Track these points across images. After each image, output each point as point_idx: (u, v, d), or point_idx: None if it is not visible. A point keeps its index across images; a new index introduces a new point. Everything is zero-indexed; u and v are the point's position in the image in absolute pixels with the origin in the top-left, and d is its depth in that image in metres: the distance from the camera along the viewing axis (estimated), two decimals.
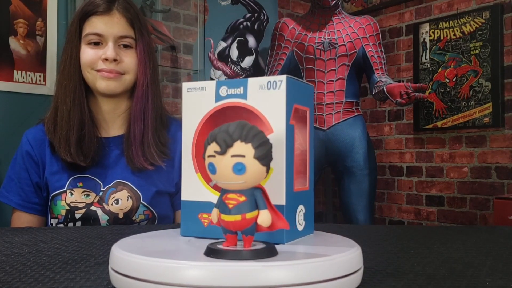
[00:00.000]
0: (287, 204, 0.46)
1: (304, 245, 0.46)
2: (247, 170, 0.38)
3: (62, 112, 1.02)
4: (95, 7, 1.02)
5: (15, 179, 1.06)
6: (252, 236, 0.41)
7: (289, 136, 0.47)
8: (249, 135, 0.38)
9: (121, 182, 1.04)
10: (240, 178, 0.39)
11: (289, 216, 0.47)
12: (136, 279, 0.39)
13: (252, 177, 0.39)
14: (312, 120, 0.53)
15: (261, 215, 0.40)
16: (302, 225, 0.50)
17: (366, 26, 2.40)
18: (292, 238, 0.48)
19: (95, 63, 1.02)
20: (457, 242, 0.68)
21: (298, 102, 0.49)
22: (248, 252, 0.39)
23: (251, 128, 0.39)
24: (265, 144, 0.39)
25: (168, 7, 2.55)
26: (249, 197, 0.40)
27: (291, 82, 0.48)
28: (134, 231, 0.80)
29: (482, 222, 2.62)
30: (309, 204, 0.51)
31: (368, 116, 3.20)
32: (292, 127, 0.47)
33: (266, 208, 0.40)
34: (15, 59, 1.98)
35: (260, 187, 0.41)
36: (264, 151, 0.39)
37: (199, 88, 0.52)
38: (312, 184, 0.52)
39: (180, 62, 2.63)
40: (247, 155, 0.38)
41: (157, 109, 1.07)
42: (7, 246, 0.66)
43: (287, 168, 0.46)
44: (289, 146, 0.47)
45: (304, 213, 0.50)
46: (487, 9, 2.59)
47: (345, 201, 2.37)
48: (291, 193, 0.47)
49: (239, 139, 0.38)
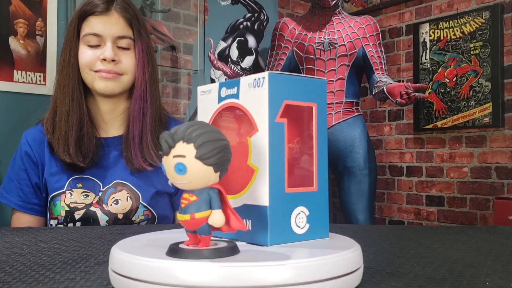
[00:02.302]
0: (272, 206, 0.45)
1: (304, 245, 0.46)
2: (188, 170, 0.39)
3: (61, 113, 1.02)
4: (93, 7, 1.01)
5: (15, 180, 1.06)
6: (206, 236, 0.41)
7: (275, 135, 0.45)
8: (192, 136, 0.39)
9: (120, 182, 1.04)
10: (183, 178, 0.39)
11: (275, 218, 0.45)
12: (137, 280, 0.39)
13: (195, 177, 0.39)
14: (323, 116, 0.49)
15: (212, 215, 0.40)
16: (304, 228, 0.47)
17: (366, 26, 2.40)
18: (283, 241, 0.46)
19: (93, 64, 1.01)
20: (457, 242, 0.68)
21: (293, 98, 0.47)
22: (208, 251, 0.40)
23: (198, 128, 0.39)
24: (209, 144, 0.39)
25: (168, 7, 2.55)
26: (201, 197, 0.40)
27: (279, 78, 0.46)
28: (134, 231, 0.80)
29: (482, 222, 2.62)
30: (317, 206, 0.48)
31: (368, 116, 3.20)
32: (280, 125, 0.45)
33: (218, 208, 0.40)
34: (15, 59, 1.98)
35: (217, 187, 0.41)
36: (206, 151, 0.39)
37: (208, 90, 0.53)
38: (324, 185, 0.49)
39: (180, 62, 2.63)
40: (188, 155, 0.39)
41: (156, 110, 1.07)
42: (7, 246, 0.66)
43: (271, 168, 0.45)
44: (275, 145, 0.45)
45: (307, 216, 0.47)
46: (487, 9, 2.59)
47: (345, 201, 2.37)
48: (280, 194, 0.45)
49: (181, 140, 0.39)
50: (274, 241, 0.45)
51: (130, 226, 0.89)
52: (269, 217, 0.45)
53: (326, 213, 0.49)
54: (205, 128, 0.40)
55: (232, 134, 0.49)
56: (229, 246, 0.42)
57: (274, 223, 0.45)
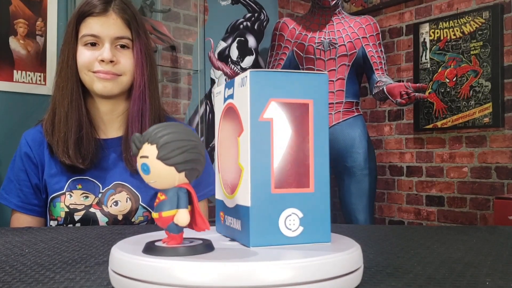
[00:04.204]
0: (254, 206, 0.44)
1: (301, 246, 0.46)
2: (151, 171, 0.40)
3: (60, 114, 1.02)
4: (92, 7, 1.01)
5: (14, 181, 1.05)
6: (174, 234, 0.42)
7: (258, 134, 0.44)
8: (156, 137, 0.40)
9: (120, 184, 1.04)
10: (149, 178, 0.41)
11: (258, 219, 0.44)
12: (137, 280, 0.39)
13: (159, 177, 0.41)
14: (322, 113, 0.46)
15: (177, 214, 0.41)
16: (296, 231, 0.45)
17: (366, 26, 2.40)
18: (269, 243, 0.44)
19: (91, 65, 1.01)
20: (457, 242, 0.68)
21: (282, 96, 0.45)
22: (183, 248, 0.41)
23: (163, 129, 0.41)
24: (170, 145, 0.40)
25: (168, 7, 2.55)
26: (170, 196, 0.42)
27: (262, 76, 0.44)
28: (134, 231, 0.80)
29: (482, 222, 2.62)
30: (314, 208, 0.46)
31: (368, 116, 3.20)
32: (265, 123, 0.44)
33: (184, 207, 0.42)
34: (15, 59, 1.98)
35: (185, 187, 0.42)
36: (167, 152, 0.40)
37: (219, 92, 0.53)
38: (324, 186, 0.46)
39: (180, 62, 2.63)
40: (150, 156, 0.40)
41: (155, 110, 1.07)
42: (7, 246, 0.66)
43: (253, 168, 0.44)
44: (258, 144, 0.44)
45: (301, 218, 0.45)
46: (487, 9, 2.59)
47: (345, 201, 2.37)
48: (264, 195, 0.44)
49: (147, 141, 0.41)
50: (256, 243, 0.44)
51: (130, 226, 0.89)
52: (251, 217, 0.44)
53: (326, 216, 0.46)
54: (171, 129, 0.41)
55: (230, 134, 0.49)
56: (204, 244, 0.42)
57: (256, 224, 0.44)
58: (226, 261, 0.38)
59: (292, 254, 0.41)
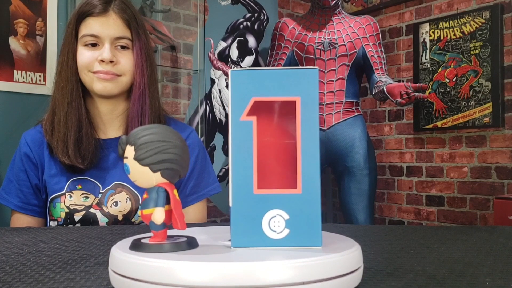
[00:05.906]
0: (235, 206, 0.43)
1: (294, 248, 0.46)
2: (131, 171, 0.43)
3: (59, 114, 1.02)
4: (91, 8, 1.01)
5: (14, 181, 1.05)
6: (156, 232, 0.44)
7: (239, 134, 0.44)
8: (135, 138, 0.42)
9: (120, 184, 1.04)
10: (131, 177, 0.43)
11: (240, 220, 0.43)
12: (137, 280, 0.39)
13: (137, 177, 0.43)
14: (311, 110, 0.44)
15: (153, 212, 0.43)
16: (281, 233, 0.44)
17: (366, 26, 2.40)
18: (252, 244, 0.43)
19: (91, 65, 1.01)
20: (457, 242, 0.68)
21: (265, 94, 0.44)
22: (168, 245, 0.42)
23: (144, 131, 0.43)
24: (146, 146, 0.42)
25: (168, 7, 2.55)
26: (150, 195, 0.44)
27: (243, 75, 0.44)
28: (134, 231, 0.80)
29: (482, 222, 2.62)
30: (301, 210, 0.44)
31: (368, 116, 3.20)
32: (247, 123, 0.44)
33: (161, 206, 0.43)
34: (15, 59, 1.98)
35: (164, 186, 0.43)
36: (142, 152, 0.42)
37: None
38: (313, 187, 0.44)
39: (180, 62, 2.63)
40: (129, 156, 0.43)
41: (155, 110, 1.07)
42: (7, 246, 0.66)
43: (234, 168, 0.44)
44: (239, 144, 0.44)
45: (286, 220, 0.44)
46: (487, 9, 2.59)
47: (345, 201, 2.37)
48: (246, 195, 0.43)
49: (129, 143, 0.43)
50: (238, 243, 0.43)
51: (130, 226, 0.89)
52: (232, 217, 0.44)
53: (316, 219, 0.44)
54: (151, 130, 0.43)
55: None
56: (188, 241, 0.44)
57: (238, 224, 0.44)
58: (226, 261, 0.38)
59: (291, 254, 0.41)
